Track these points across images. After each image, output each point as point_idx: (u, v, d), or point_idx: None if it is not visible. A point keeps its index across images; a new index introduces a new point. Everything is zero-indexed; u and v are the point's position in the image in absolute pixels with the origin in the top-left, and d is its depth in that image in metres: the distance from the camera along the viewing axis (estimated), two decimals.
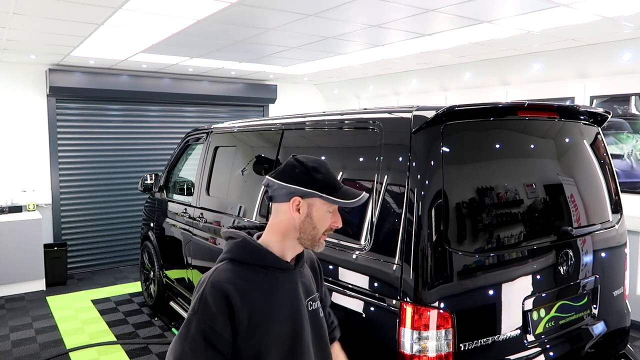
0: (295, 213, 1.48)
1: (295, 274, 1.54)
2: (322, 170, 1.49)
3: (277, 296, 1.46)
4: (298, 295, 1.51)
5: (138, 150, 7.53)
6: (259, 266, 1.46)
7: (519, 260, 2.32)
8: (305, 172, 1.47)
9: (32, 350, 4.53)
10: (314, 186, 1.46)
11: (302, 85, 9.11)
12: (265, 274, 1.46)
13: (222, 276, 1.41)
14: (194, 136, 4.75)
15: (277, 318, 1.44)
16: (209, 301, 1.37)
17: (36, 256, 6.22)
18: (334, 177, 1.51)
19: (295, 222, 1.48)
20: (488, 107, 2.31)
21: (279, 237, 1.51)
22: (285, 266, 1.51)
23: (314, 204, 1.48)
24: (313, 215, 1.48)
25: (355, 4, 3.76)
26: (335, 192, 1.47)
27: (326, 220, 1.50)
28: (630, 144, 5.21)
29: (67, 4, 3.77)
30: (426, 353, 2.04)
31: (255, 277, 1.44)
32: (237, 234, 1.52)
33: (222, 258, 1.50)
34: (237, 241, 1.50)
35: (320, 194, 1.46)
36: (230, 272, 1.43)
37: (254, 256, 1.47)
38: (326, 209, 1.49)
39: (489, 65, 6.23)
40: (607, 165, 2.89)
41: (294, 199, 1.47)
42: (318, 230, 1.50)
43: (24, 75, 6.62)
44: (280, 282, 1.48)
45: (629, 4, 3.77)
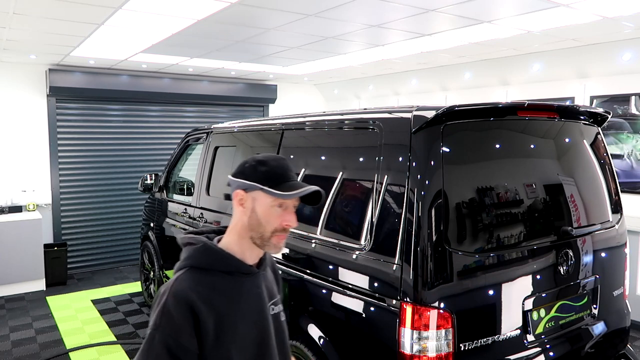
0: (239, 207, 1.42)
1: (259, 278, 1.48)
2: (270, 163, 1.42)
3: (243, 302, 1.40)
4: (263, 300, 1.47)
5: (138, 150, 7.53)
6: (222, 272, 1.40)
7: (519, 260, 2.32)
8: (251, 165, 1.42)
9: (32, 350, 4.53)
10: (255, 178, 1.40)
11: (302, 85, 9.10)
12: (229, 279, 1.40)
13: (184, 285, 1.34)
14: (194, 136, 4.75)
15: (244, 325, 1.39)
16: (172, 313, 1.29)
17: (36, 256, 6.21)
18: (282, 172, 1.42)
19: (244, 220, 1.42)
20: (488, 107, 2.31)
21: (236, 238, 1.44)
22: (249, 270, 1.44)
23: (257, 197, 1.41)
24: (257, 210, 1.41)
25: (355, 4, 3.75)
26: (279, 185, 1.39)
27: (272, 217, 1.40)
28: (630, 144, 5.21)
29: (67, 4, 3.77)
30: (426, 353, 2.04)
31: (219, 283, 1.38)
32: (196, 239, 1.44)
33: (181, 265, 1.41)
34: (197, 247, 1.42)
35: (260, 185, 1.39)
36: (193, 280, 1.36)
37: (217, 261, 1.40)
38: (270, 204, 1.40)
39: (489, 65, 6.23)
40: (607, 165, 2.89)
41: (236, 192, 1.42)
42: (265, 228, 1.41)
43: (24, 75, 6.62)
44: (245, 287, 1.43)
45: (629, 4, 3.77)
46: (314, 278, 2.60)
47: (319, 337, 2.51)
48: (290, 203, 1.43)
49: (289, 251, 2.83)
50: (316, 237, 2.65)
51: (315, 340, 2.53)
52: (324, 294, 2.53)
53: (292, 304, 2.78)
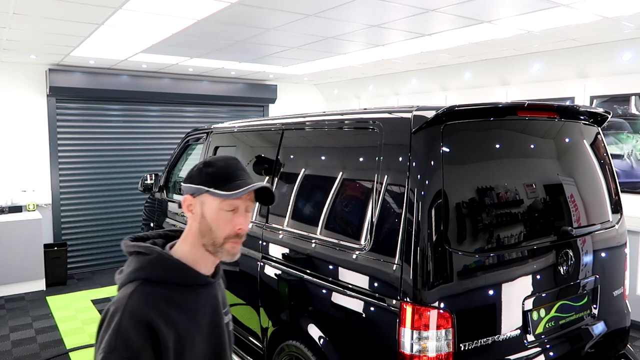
0: (188, 214, 1.34)
1: (215, 288, 1.40)
2: (216, 164, 1.34)
3: (200, 315, 1.33)
4: (218, 311, 1.40)
5: (138, 150, 7.53)
6: (178, 284, 1.30)
7: (519, 260, 2.32)
8: (198, 168, 1.34)
9: (32, 350, 4.53)
10: (200, 181, 1.31)
11: (302, 85, 9.10)
12: (185, 292, 1.31)
13: (140, 302, 1.22)
14: (194, 136, 4.75)
15: (201, 338, 1.32)
16: (129, 335, 1.18)
17: (36, 256, 6.22)
18: (228, 171, 1.33)
19: (195, 226, 1.33)
20: (488, 107, 2.31)
21: (189, 247, 1.35)
22: (205, 281, 1.35)
23: (205, 201, 1.31)
24: (206, 215, 1.31)
25: (355, 4, 3.75)
26: (225, 186, 1.29)
27: (222, 221, 1.31)
28: (630, 144, 5.21)
29: (67, 4, 3.77)
30: (426, 353, 2.04)
31: (176, 297, 1.28)
32: (149, 248, 1.32)
33: (131, 278, 1.28)
34: (150, 258, 1.30)
35: (205, 188, 1.30)
36: (149, 295, 1.25)
37: (173, 273, 1.30)
38: (218, 207, 1.30)
39: (489, 65, 6.23)
40: (607, 165, 2.89)
41: (184, 198, 1.34)
42: (216, 234, 1.31)
43: (24, 75, 6.62)
44: (202, 299, 1.35)
45: (629, 4, 3.77)
46: (314, 278, 2.60)
47: (319, 337, 2.51)
48: (242, 205, 1.33)
49: (289, 251, 2.83)
50: (316, 237, 2.65)
51: (315, 340, 2.52)
52: (324, 294, 2.53)
53: (292, 304, 2.78)
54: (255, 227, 3.19)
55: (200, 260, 1.35)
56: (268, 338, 2.99)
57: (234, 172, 1.33)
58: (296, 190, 2.90)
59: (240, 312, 3.39)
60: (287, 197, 2.96)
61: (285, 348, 2.78)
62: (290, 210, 2.91)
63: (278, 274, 2.89)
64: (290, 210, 2.91)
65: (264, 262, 3.03)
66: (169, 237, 1.44)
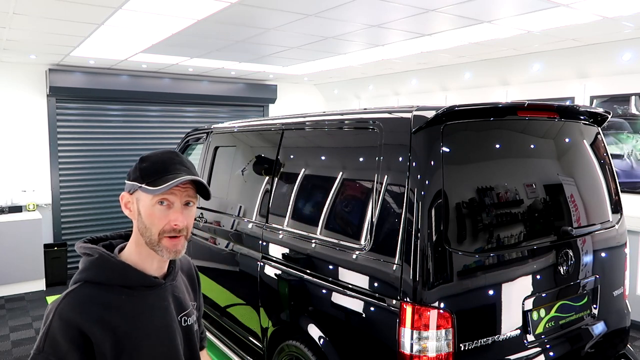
0: (126, 211, 1.31)
1: (165, 290, 1.35)
2: (151, 159, 1.29)
3: (145, 318, 1.28)
4: (169, 313, 1.34)
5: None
6: (122, 286, 1.26)
7: (519, 260, 2.32)
8: (135, 165, 1.30)
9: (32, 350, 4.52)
10: (135, 177, 1.28)
11: (302, 85, 9.10)
12: (129, 294, 1.26)
13: (73, 304, 1.19)
14: (194, 136, 4.75)
15: (148, 342, 1.27)
16: (57, 337, 1.15)
17: (36, 256, 6.21)
18: (162, 166, 1.28)
19: (136, 225, 1.30)
20: (488, 107, 2.31)
21: (134, 246, 1.31)
22: (152, 282, 1.31)
23: (139, 198, 1.28)
24: (142, 212, 1.27)
25: (355, 4, 3.75)
26: (157, 180, 1.25)
27: (155, 217, 1.26)
28: (630, 144, 5.21)
29: (67, 4, 3.77)
30: (426, 353, 2.04)
31: (117, 300, 1.24)
32: (93, 249, 1.28)
33: (75, 279, 1.26)
34: (92, 259, 1.27)
35: (138, 184, 1.26)
36: (84, 297, 1.21)
37: (114, 275, 1.26)
38: (150, 202, 1.26)
39: (489, 65, 6.23)
40: (607, 165, 2.89)
41: (121, 196, 1.31)
42: (151, 231, 1.26)
43: (24, 75, 6.62)
44: (149, 302, 1.30)
45: (629, 4, 3.77)
46: (314, 278, 2.60)
47: (319, 337, 2.51)
48: (177, 200, 1.27)
49: (289, 251, 2.83)
50: (316, 237, 2.65)
51: (315, 340, 2.52)
52: (324, 294, 2.53)
53: (292, 304, 2.78)
54: (255, 227, 3.19)
55: (147, 260, 1.31)
56: (268, 338, 2.99)
57: (168, 167, 1.28)
58: (296, 190, 2.90)
59: (240, 312, 3.39)
60: (287, 197, 2.96)
61: (285, 348, 2.78)
62: (290, 210, 2.91)
63: (278, 274, 2.89)
64: (290, 210, 2.91)
65: (264, 262, 3.03)
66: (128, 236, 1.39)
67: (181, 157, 1.34)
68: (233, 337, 3.55)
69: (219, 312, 3.73)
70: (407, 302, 2.08)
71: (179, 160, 1.31)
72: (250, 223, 3.26)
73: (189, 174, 1.29)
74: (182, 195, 1.28)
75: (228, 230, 3.56)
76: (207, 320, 3.98)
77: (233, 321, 3.51)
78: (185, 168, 1.31)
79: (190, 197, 1.30)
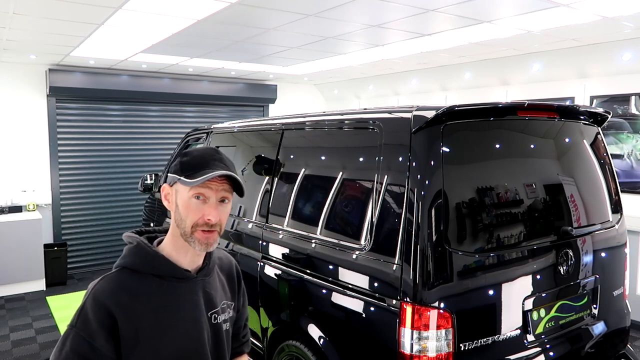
0: (165, 202, 1.37)
1: (196, 284, 1.37)
2: (192, 153, 1.35)
3: (173, 309, 1.31)
4: (199, 308, 1.36)
5: (138, 150, 7.53)
6: (154, 275, 1.31)
7: (519, 260, 2.32)
8: (182, 157, 1.35)
9: (32, 350, 4.53)
10: (175, 169, 1.33)
11: (302, 85, 9.10)
12: (159, 283, 1.31)
13: (105, 287, 1.27)
14: (194, 136, 4.75)
15: (172, 333, 1.30)
16: (89, 315, 1.23)
17: (36, 256, 6.21)
18: (202, 160, 1.32)
19: (173, 216, 1.35)
20: (488, 107, 2.31)
21: (170, 238, 1.36)
22: (183, 274, 1.34)
23: (178, 190, 1.33)
24: (179, 203, 1.32)
25: (355, 4, 3.75)
26: (195, 174, 1.29)
27: (191, 209, 1.30)
28: (630, 144, 5.21)
29: (67, 4, 3.77)
30: (426, 353, 2.04)
31: (147, 288, 1.29)
32: (133, 238, 1.35)
33: (115, 265, 1.35)
34: (131, 247, 1.34)
35: (177, 176, 1.31)
36: (117, 282, 1.28)
37: (148, 264, 1.31)
38: (187, 195, 1.31)
39: (489, 65, 6.23)
40: (607, 165, 2.89)
41: (162, 187, 1.37)
42: (185, 222, 1.31)
43: (24, 75, 6.62)
44: (178, 293, 1.33)
45: (629, 4, 3.77)
46: (314, 278, 2.60)
47: (319, 337, 2.51)
48: (213, 195, 1.31)
49: (289, 251, 2.83)
50: (316, 237, 2.65)
51: (315, 340, 2.53)
52: (324, 294, 2.53)
53: (292, 304, 2.78)
54: (255, 227, 3.19)
55: (180, 252, 1.35)
56: (268, 338, 2.99)
57: (207, 162, 1.32)
58: (296, 190, 2.90)
59: None
60: (287, 197, 2.96)
61: (285, 348, 2.78)
62: (290, 210, 2.91)
63: (278, 274, 2.89)
64: (290, 210, 2.91)
65: (264, 262, 3.03)
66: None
67: (221, 154, 1.37)
68: None
69: None
70: (407, 302, 2.08)
71: (219, 157, 1.35)
72: (250, 223, 3.26)
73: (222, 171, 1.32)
74: (217, 190, 1.32)
75: (228, 230, 3.56)
76: None
77: None
78: (224, 165, 1.34)
79: (225, 193, 1.34)
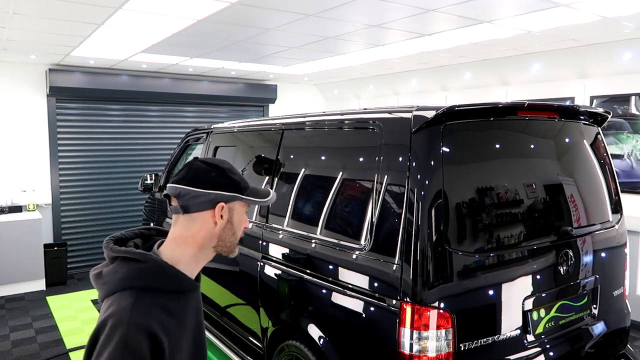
0: (220, 220, 1.34)
1: (199, 291, 1.40)
2: (235, 170, 1.39)
3: (187, 320, 1.33)
4: (201, 312, 1.42)
5: (138, 150, 7.53)
6: (174, 292, 1.29)
7: (519, 260, 2.32)
8: (223, 174, 1.35)
9: (32, 350, 4.53)
10: (235, 189, 1.35)
11: (302, 85, 9.10)
12: (177, 298, 1.30)
13: (143, 313, 1.19)
14: (194, 136, 4.75)
15: (187, 341, 1.32)
16: (135, 348, 1.14)
17: (36, 256, 6.22)
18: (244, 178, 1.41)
19: (216, 230, 1.34)
20: (488, 107, 2.31)
21: (195, 250, 1.34)
22: (195, 286, 1.37)
23: (234, 207, 1.36)
24: (234, 220, 1.37)
25: (355, 4, 3.75)
26: (249, 191, 1.37)
27: (242, 224, 1.39)
28: (630, 144, 5.21)
29: (67, 4, 3.77)
30: (426, 353, 2.04)
31: (172, 305, 1.27)
32: (144, 256, 1.28)
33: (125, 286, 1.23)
34: (146, 266, 1.26)
35: (242, 196, 1.35)
36: (150, 305, 1.22)
37: (171, 282, 1.28)
38: (243, 212, 1.39)
39: (489, 65, 6.23)
40: (607, 165, 2.89)
41: (220, 206, 1.33)
42: (237, 236, 1.38)
43: (24, 75, 6.62)
44: (190, 304, 1.35)
45: (629, 4, 3.77)
46: (314, 278, 2.60)
47: (319, 337, 2.51)
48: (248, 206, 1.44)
49: (289, 251, 2.83)
50: (316, 237, 2.65)
51: (315, 340, 2.52)
52: (324, 294, 2.53)
53: (292, 304, 2.78)
54: (255, 227, 3.19)
55: (199, 263, 1.37)
56: (268, 338, 2.99)
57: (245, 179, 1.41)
58: (296, 190, 2.90)
59: (240, 312, 3.39)
60: (287, 197, 2.96)
61: (285, 348, 2.78)
62: (290, 210, 2.91)
63: (278, 274, 2.89)
64: (290, 210, 2.91)
65: (264, 262, 3.03)
66: (144, 237, 1.41)
67: None
68: (233, 337, 3.55)
69: (219, 312, 3.73)
70: (407, 302, 2.08)
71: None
72: (250, 223, 3.27)
73: None
74: None
75: None
76: (207, 320, 3.98)
77: (233, 321, 3.51)
78: None
79: None
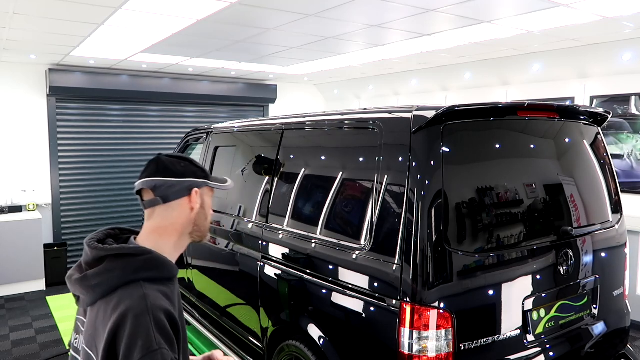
0: (195, 205, 1.44)
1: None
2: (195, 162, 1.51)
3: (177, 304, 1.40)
4: (180, 297, 1.48)
5: (138, 150, 7.53)
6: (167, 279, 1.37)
7: (519, 260, 2.32)
8: (191, 164, 1.48)
9: (32, 350, 4.53)
10: (203, 175, 1.47)
11: (302, 85, 9.10)
12: (170, 285, 1.38)
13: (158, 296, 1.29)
14: (194, 136, 4.75)
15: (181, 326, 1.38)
16: (165, 330, 1.23)
17: (36, 256, 6.22)
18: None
19: (192, 216, 1.44)
20: (488, 107, 2.31)
21: (176, 238, 1.43)
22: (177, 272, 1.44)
23: (205, 193, 1.47)
24: (205, 205, 1.48)
25: (355, 4, 3.75)
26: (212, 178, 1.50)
27: (211, 208, 1.51)
28: (630, 144, 5.21)
29: (67, 4, 3.77)
30: (426, 353, 2.04)
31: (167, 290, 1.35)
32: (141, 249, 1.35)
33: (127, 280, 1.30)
34: (146, 258, 1.34)
35: (210, 182, 1.47)
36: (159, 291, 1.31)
37: (166, 270, 1.37)
38: (211, 197, 1.51)
39: (489, 65, 6.23)
40: (607, 165, 2.89)
41: (195, 191, 1.43)
42: (209, 219, 1.49)
43: (24, 75, 6.62)
44: (176, 289, 1.43)
45: (629, 4, 3.77)
46: (314, 278, 2.60)
47: (319, 337, 2.51)
48: None
49: (289, 251, 2.83)
50: (316, 237, 2.65)
51: (315, 340, 2.52)
52: (324, 294, 2.53)
53: (292, 304, 2.78)
54: (255, 227, 3.19)
55: (179, 250, 1.46)
56: (268, 338, 2.99)
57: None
58: (296, 190, 2.90)
59: (240, 312, 3.39)
60: (287, 197, 2.96)
61: (285, 348, 2.78)
62: (290, 210, 2.91)
63: (278, 274, 2.89)
64: (290, 210, 2.91)
65: (264, 262, 3.03)
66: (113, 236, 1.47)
67: None
68: (233, 337, 3.55)
69: (219, 312, 3.73)
70: (407, 302, 2.08)
71: None
72: (250, 223, 3.26)
73: None
74: None
75: (228, 230, 3.56)
76: (207, 320, 3.98)
77: (233, 321, 3.51)
78: None
79: None
